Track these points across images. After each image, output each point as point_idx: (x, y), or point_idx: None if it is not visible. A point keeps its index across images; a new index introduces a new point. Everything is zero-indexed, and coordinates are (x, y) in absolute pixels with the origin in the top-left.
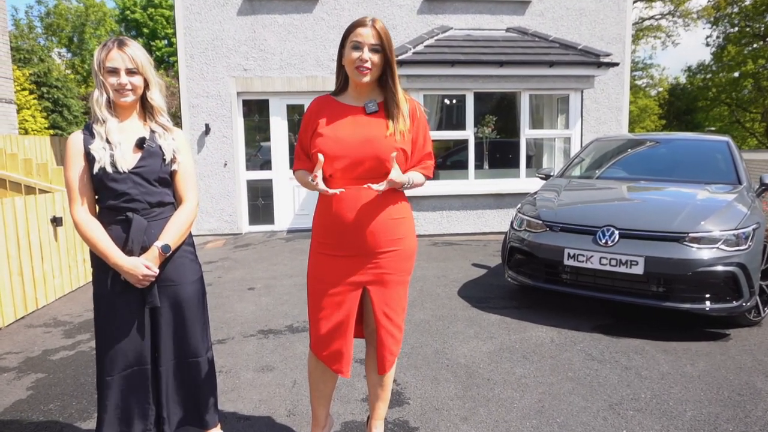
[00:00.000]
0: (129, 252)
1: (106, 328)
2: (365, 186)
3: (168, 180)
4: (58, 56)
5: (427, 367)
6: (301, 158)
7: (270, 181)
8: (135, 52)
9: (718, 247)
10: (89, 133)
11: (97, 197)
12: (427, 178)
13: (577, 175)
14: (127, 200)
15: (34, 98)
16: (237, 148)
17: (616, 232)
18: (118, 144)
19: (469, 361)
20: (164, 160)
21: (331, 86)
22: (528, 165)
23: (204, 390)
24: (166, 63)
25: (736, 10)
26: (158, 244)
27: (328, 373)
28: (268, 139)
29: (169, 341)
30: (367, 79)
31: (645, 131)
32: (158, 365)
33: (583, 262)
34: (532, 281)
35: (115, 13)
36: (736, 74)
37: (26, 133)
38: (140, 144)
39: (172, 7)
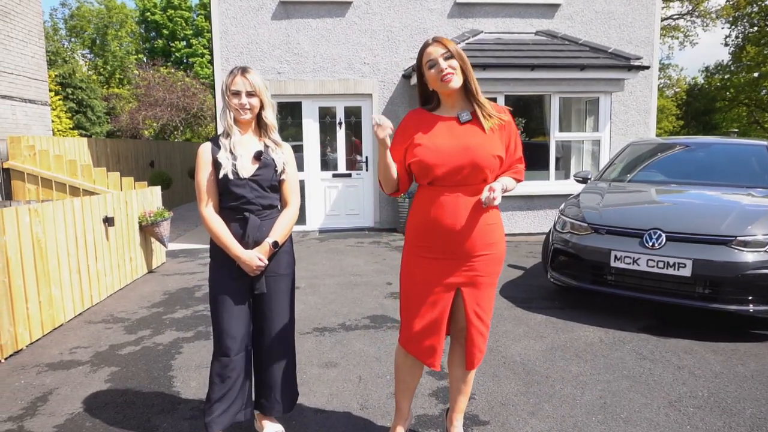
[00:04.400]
0: (244, 245)
1: (221, 312)
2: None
3: (277, 187)
4: (81, 57)
5: (485, 365)
6: None
7: (302, 182)
8: (254, 78)
9: (765, 251)
10: (216, 144)
11: (220, 199)
12: (518, 181)
13: (616, 178)
14: (245, 202)
15: (59, 99)
16: None
17: (663, 234)
18: (239, 155)
19: (525, 359)
20: (276, 170)
21: (362, 89)
22: (556, 167)
23: (289, 374)
24: (185, 64)
25: (755, 9)
26: (269, 240)
27: (416, 368)
28: (300, 139)
29: (268, 325)
30: (455, 83)
31: (663, 132)
32: (261, 346)
33: (630, 264)
34: (577, 282)
35: (136, 15)
36: (756, 75)
37: (52, 133)
38: (258, 156)
39: (191, 9)
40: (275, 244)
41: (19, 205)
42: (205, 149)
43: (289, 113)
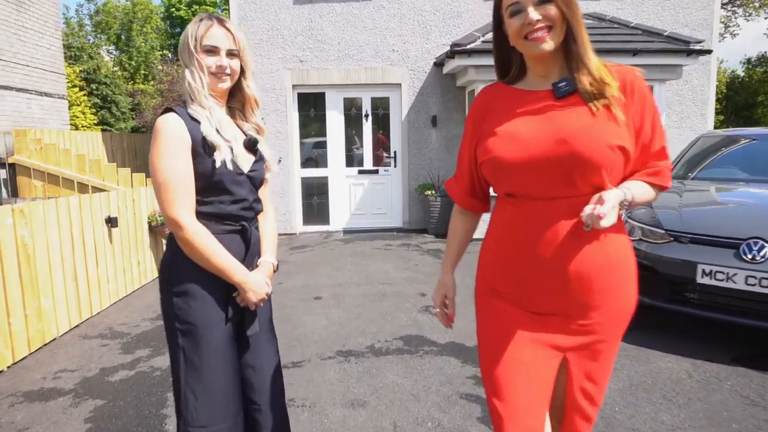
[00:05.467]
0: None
1: (204, 369)
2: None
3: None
4: (106, 53)
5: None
6: (457, 175)
7: (325, 178)
8: (237, 31)
9: None
10: (190, 118)
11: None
12: (662, 189)
13: (686, 175)
14: (245, 207)
15: (83, 95)
16: (292, 143)
17: (767, 245)
18: (234, 139)
19: None
20: (266, 166)
21: (391, 78)
22: None
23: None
24: None
25: None
26: (271, 261)
27: None
28: (324, 133)
29: (262, 379)
30: (548, 45)
31: None
32: (253, 405)
33: (722, 281)
34: (650, 300)
35: (161, 10)
36: None
37: (76, 129)
38: (252, 146)
39: (215, 5)
40: (277, 265)
41: (25, 202)
42: (175, 123)
43: (312, 104)
